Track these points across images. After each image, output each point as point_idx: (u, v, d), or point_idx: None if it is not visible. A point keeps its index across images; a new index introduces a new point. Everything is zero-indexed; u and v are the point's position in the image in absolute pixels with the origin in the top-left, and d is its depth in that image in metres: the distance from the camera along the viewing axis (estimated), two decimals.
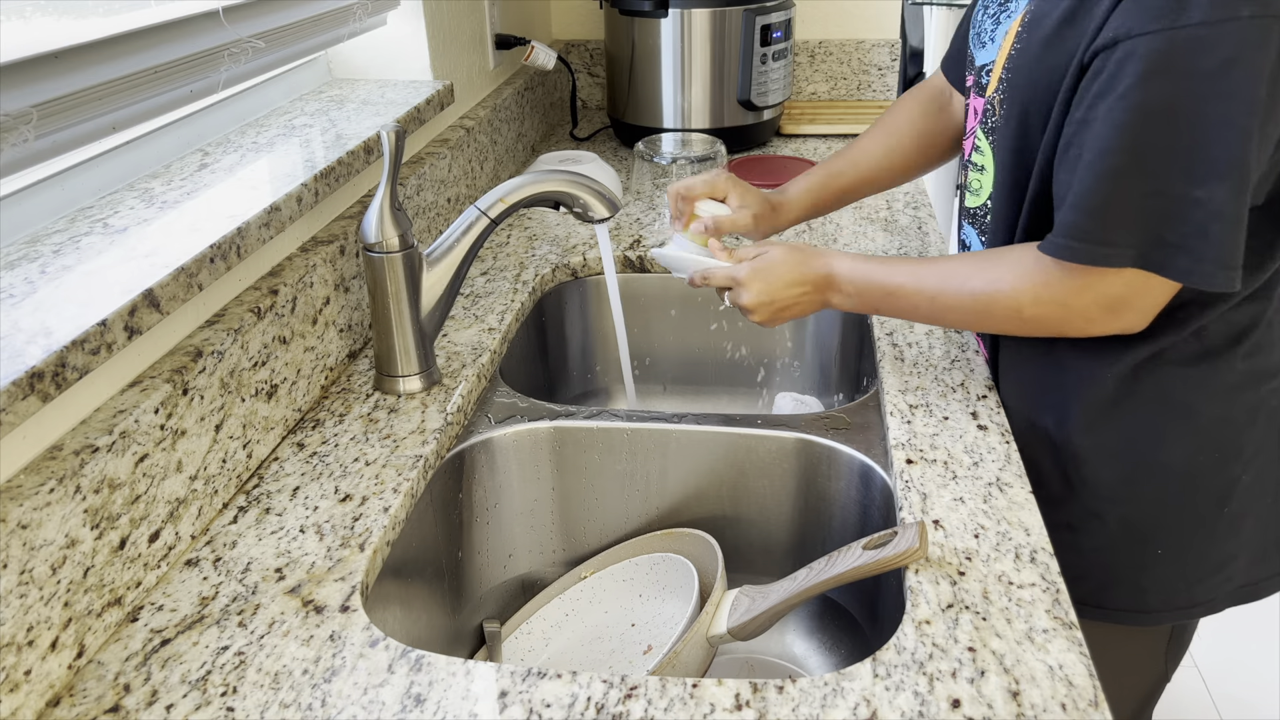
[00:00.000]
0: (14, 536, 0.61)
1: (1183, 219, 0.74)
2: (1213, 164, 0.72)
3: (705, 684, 0.65)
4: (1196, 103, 0.72)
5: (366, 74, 1.35)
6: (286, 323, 0.93)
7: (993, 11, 0.95)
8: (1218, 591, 0.95)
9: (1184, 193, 0.74)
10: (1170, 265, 0.76)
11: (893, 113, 1.15)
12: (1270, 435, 0.92)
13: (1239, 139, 0.71)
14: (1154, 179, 0.74)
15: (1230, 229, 0.74)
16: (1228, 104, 0.71)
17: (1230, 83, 0.71)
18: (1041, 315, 0.84)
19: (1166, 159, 0.74)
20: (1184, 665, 1.94)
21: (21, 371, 0.61)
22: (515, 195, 0.98)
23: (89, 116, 0.80)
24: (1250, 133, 0.71)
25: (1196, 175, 0.73)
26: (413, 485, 0.87)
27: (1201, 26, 0.71)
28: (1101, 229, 0.77)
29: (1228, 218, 0.73)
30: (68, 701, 0.65)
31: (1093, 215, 0.77)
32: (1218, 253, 0.74)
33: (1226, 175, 0.72)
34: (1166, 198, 0.74)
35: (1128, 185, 0.75)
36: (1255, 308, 0.87)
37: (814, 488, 0.99)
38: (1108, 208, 0.76)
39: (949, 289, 0.88)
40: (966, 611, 0.71)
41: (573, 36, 2.06)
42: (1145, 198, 0.75)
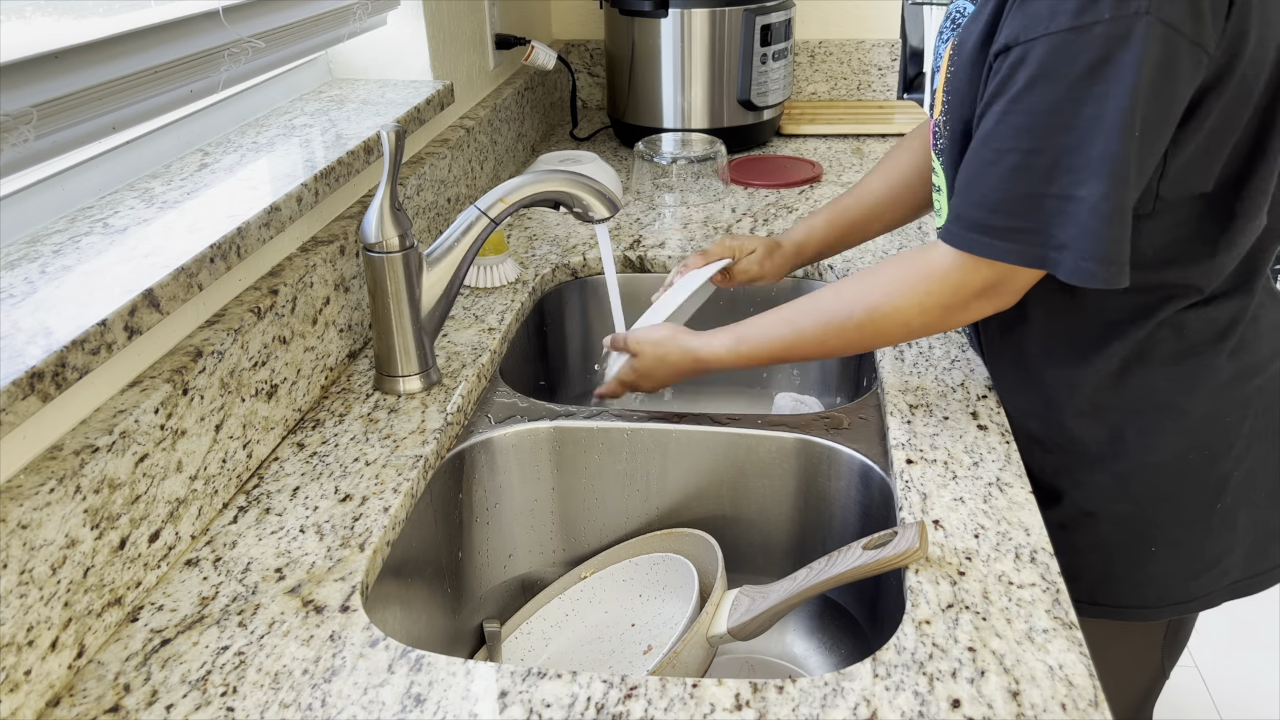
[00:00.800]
0: (14, 536, 0.61)
1: (1068, 218, 0.76)
2: (1090, 162, 0.74)
3: (705, 684, 0.65)
4: (1073, 105, 0.74)
5: (366, 74, 1.35)
6: (286, 323, 0.93)
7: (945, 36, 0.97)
8: (1214, 586, 0.96)
9: (1070, 192, 0.75)
10: (1059, 264, 0.77)
11: (897, 149, 1.17)
12: (1260, 430, 0.92)
13: (1115, 137, 0.73)
14: (1047, 181, 0.76)
15: (1108, 225, 0.75)
16: (1100, 104, 0.73)
17: (1102, 83, 0.72)
18: (928, 321, 0.86)
19: (1054, 160, 0.76)
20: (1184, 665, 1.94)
21: (21, 371, 0.61)
22: (515, 195, 0.98)
23: (89, 116, 0.80)
24: (1126, 129, 0.72)
25: (1078, 175, 0.75)
26: (413, 485, 0.87)
27: (1070, 32, 0.73)
28: (1007, 227, 0.79)
29: (1105, 214, 0.74)
30: (68, 701, 0.65)
31: (996, 212, 0.79)
32: (1098, 249, 0.75)
33: (1104, 173, 0.74)
34: (1055, 197, 0.76)
35: (1026, 184, 0.77)
36: (1236, 305, 0.88)
37: (814, 488, 0.99)
38: (1010, 205, 0.78)
39: (832, 331, 0.90)
40: (966, 611, 0.71)
41: (573, 36, 2.06)
42: (1040, 198, 0.77)
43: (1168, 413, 0.90)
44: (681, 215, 1.46)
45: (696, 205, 1.50)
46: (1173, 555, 0.94)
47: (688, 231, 1.40)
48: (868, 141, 1.82)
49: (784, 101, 1.82)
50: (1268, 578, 0.98)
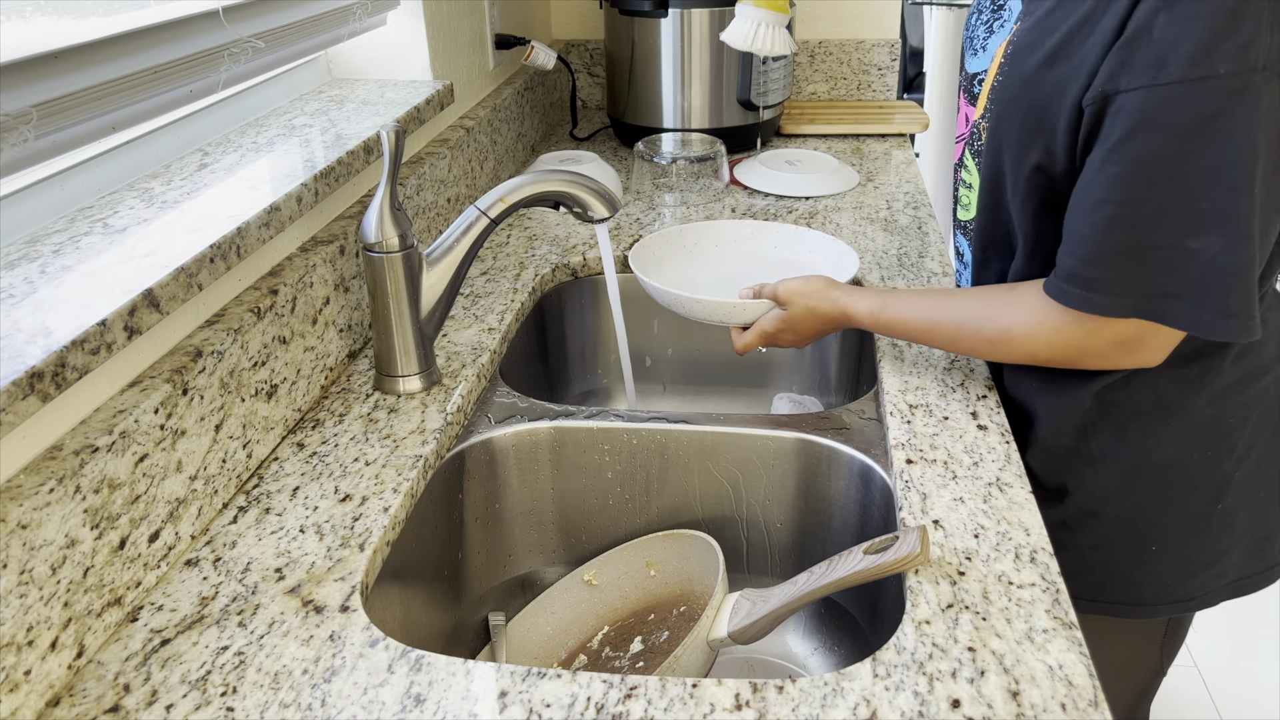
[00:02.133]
0: (14, 536, 0.61)
1: (1179, 269, 0.74)
2: (1204, 216, 0.72)
3: (705, 684, 0.65)
4: (1181, 158, 0.72)
5: (366, 74, 1.35)
6: (286, 323, 0.93)
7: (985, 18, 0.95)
8: (1212, 585, 0.96)
9: (1179, 244, 0.74)
10: (1170, 314, 0.76)
11: None
12: (1263, 432, 0.92)
13: (1231, 192, 0.71)
14: (1147, 231, 0.75)
15: (1231, 279, 0.73)
16: (1214, 158, 0.71)
17: (1214, 138, 0.71)
18: (1056, 357, 0.85)
19: (1158, 211, 0.74)
20: (1184, 665, 1.94)
21: (21, 371, 0.61)
22: (515, 195, 0.98)
23: (89, 116, 0.80)
24: (1243, 185, 0.71)
25: (1190, 227, 0.73)
26: (413, 485, 0.87)
27: (1181, 84, 0.71)
28: (1097, 278, 0.78)
29: (1226, 269, 0.73)
30: (68, 701, 0.65)
31: (1089, 263, 0.78)
32: (1219, 302, 0.74)
33: (1221, 227, 0.72)
34: (1162, 249, 0.75)
35: (1123, 236, 0.76)
36: None
37: (814, 488, 0.99)
38: (1103, 257, 0.77)
39: (965, 334, 0.90)
40: (966, 611, 0.71)
41: (573, 36, 2.06)
42: (1140, 249, 0.75)
43: (1173, 413, 0.90)
44: (681, 215, 1.46)
45: (696, 205, 1.50)
46: (1172, 554, 0.94)
47: None
48: (868, 141, 1.82)
49: (784, 101, 1.82)
50: (1264, 577, 0.99)
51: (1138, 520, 0.93)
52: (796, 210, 1.48)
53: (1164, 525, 0.93)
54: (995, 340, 0.87)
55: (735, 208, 1.49)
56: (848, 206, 1.49)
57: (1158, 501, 0.93)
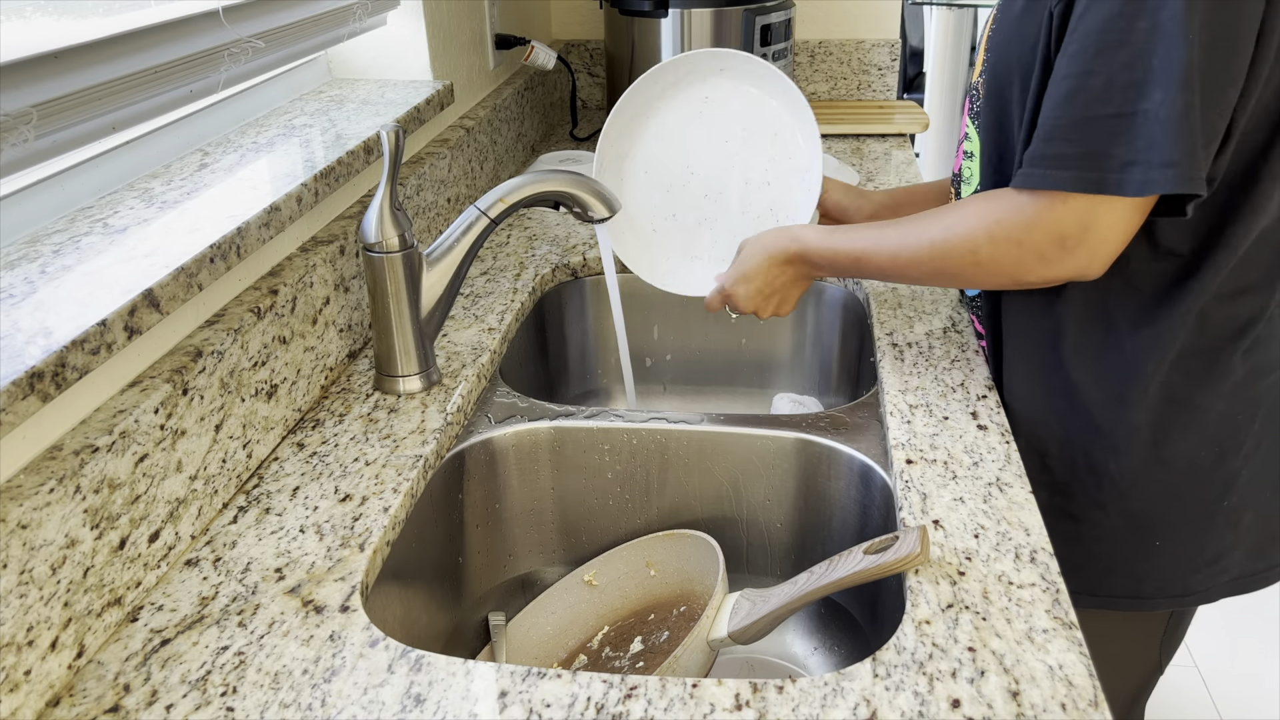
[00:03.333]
0: (14, 536, 0.61)
1: (1134, 134, 0.75)
2: (1152, 73, 0.74)
3: (705, 684, 0.65)
4: (1125, 20, 0.74)
5: (366, 74, 1.35)
6: (286, 323, 0.93)
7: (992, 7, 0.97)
8: (1214, 582, 0.97)
9: (1131, 108, 0.75)
10: (1126, 182, 0.76)
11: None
12: (1270, 429, 0.93)
13: (1174, 44, 0.72)
14: (1102, 100, 0.76)
15: (1167, 127, 0.74)
16: (1154, 15, 0.73)
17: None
18: (997, 255, 0.84)
19: (1109, 79, 0.75)
20: (1184, 665, 1.94)
21: (21, 371, 0.61)
22: (515, 195, 0.98)
23: (89, 116, 0.80)
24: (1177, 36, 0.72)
25: (1140, 88, 0.74)
26: (413, 485, 0.87)
27: None
28: (1060, 154, 0.78)
29: (1169, 119, 0.73)
30: (68, 701, 0.65)
31: (1051, 140, 0.79)
32: (1163, 154, 0.74)
33: (1167, 81, 0.73)
34: (1115, 116, 0.75)
35: (1080, 108, 0.77)
36: (1258, 300, 0.88)
37: (814, 488, 0.99)
38: (1063, 132, 0.78)
39: (908, 243, 0.90)
40: (966, 611, 0.71)
41: (573, 36, 2.06)
42: (1097, 119, 0.76)
43: (1185, 409, 0.90)
44: None
45: None
46: (1175, 550, 0.94)
47: None
48: (868, 141, 1.82)
49: None
50: (1265, 577, 0.99)
51: (1144, 515, 0.94)
52: None
53: (1169, 521, 0.94)
54: (936, 241, 0.87)
55: None
56: None
57: (1165, 497, 0.93)
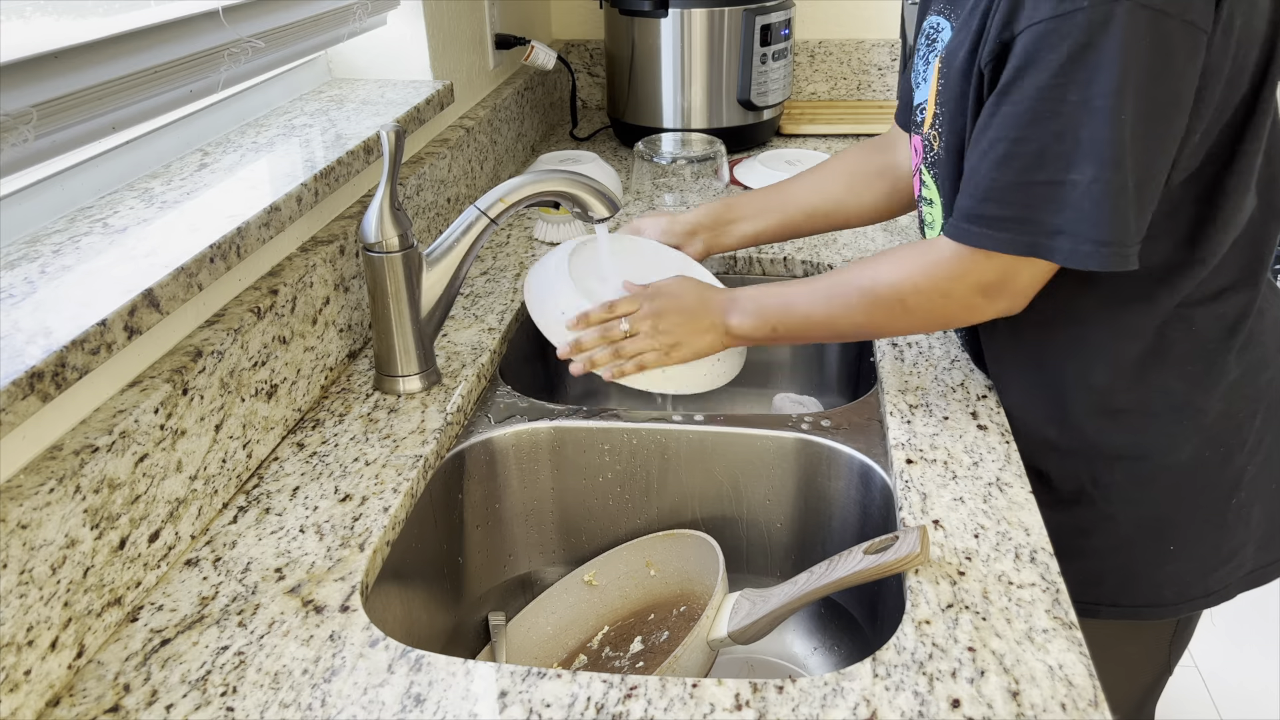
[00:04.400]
0: (14, 536, 0.61)
1: (1062, 202, 0.76)
2: (1081, 146, 0.75)
3: (705, 684, 0.65)
4: (1058, 91, 0.75)
5: (366, 74, 1.35)
6: (286, 323, 0.93)
7: (923, 53, 0.98)
8: (1230, 579, 0.97)
9: (1060, 177, 0.76)
10: (1056, 250, 0.78)
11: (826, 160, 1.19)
12: (1272, 424, 0.93)
13: (1100, 121, 0.73)
14: (1035, 166, 0.77)
15: (1100, 206, 0.75)
16: (1085, 90, 0.74)
17: (1085, 69, 0.73)
18: (923, 304, 0.87)
19: (1042, 147, 0.76)
20: (1184, 665, 1.94)
21: (21, 371, 0.61)
22: (515, 195, 0.98)
23: (89, 116, 0.80)
24: (1111, 113, 0.73)
25: (1069, 160, 0.75)
26: (413, 485, 0.87)
27: (1053, 19, 0.74)
28: (999, 216, 0.80)
29: (1096, 196, 0.75)
30: (68, 701, 0.65)
31: (989, 201, 0.80)
32: (1091, 230, 0.76)
33: (1095, 156, 0.74)
34: (1046, 184, 0.77)
35: (1016, 173, 0.78)
36: (1242, 299, 0.88)
37: (814, 488, 0.99)
38: (1001, 194, 0.79)
39: (837, 292, 0.92)
40: (966, 611, 0.71)
41: (573, 36, 2.06)
42: (1031, 185, 0.78)
43: (1184, 412, 0.90)
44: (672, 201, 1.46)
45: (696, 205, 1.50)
46: (1190, 553, 0.95)
47: None
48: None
49: (784, 101, 1.82)
50: (1276, 568, 0.99)
51: (1155, 520, 0.94)
52: None
53: (1180, 524, 0.94)
54: (865, 290, 0.89)
55: None
56: None
57: (1174, 501, 0.93)
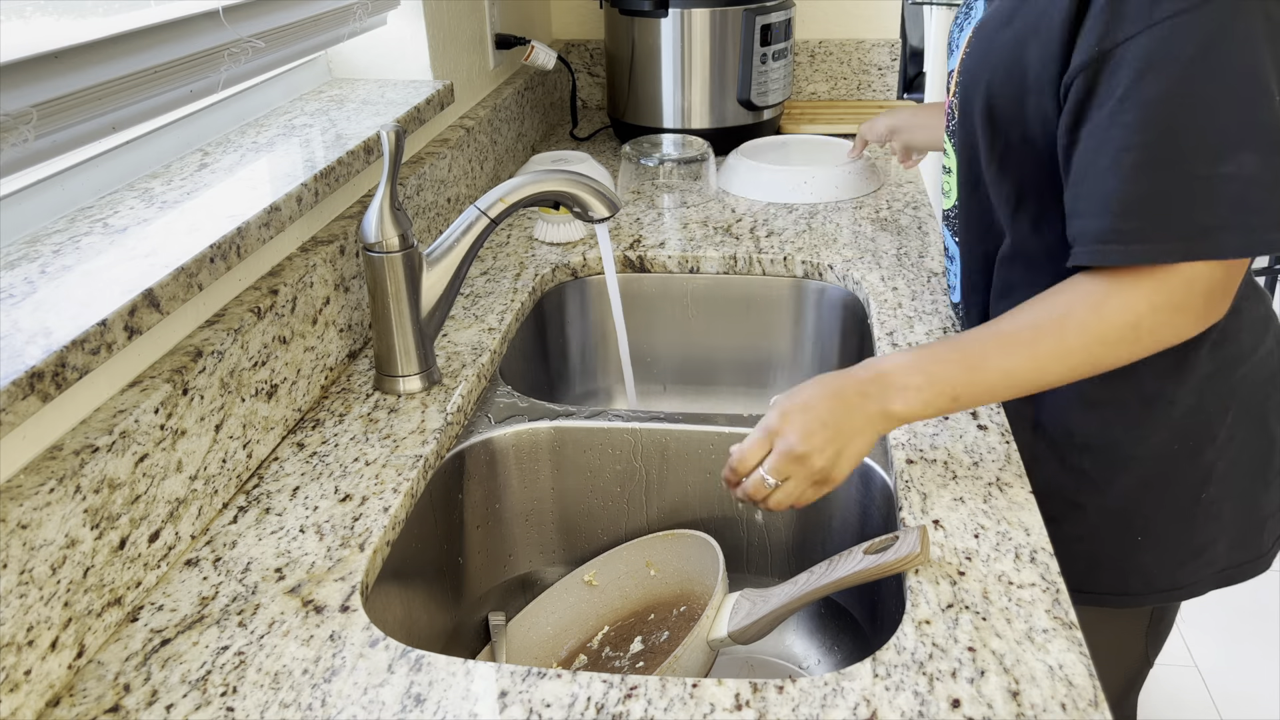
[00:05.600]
0: (14, 536, 0.61)
1: (1217, 198, 0.73)
2: (1230, 137, 0.72)
3: (705, 684, 0.65)
4: (1194, 85, 0.73)
5: (366, 74, 1.35)
6: (286, 323, 0.93)
7: (959, 23, 0.97)
8: (1200, 575, 0.97)
9: (1213, 172, 0.73)
10: (1222, 246, 0.74)
11: None
12: (1244, 421, 0.93)
13: (1250, 105, 0.72)
14: (1178, 167, 0.74)
15: (1273, 191, 0.73)
16: (1224, 78, 0.72)
17: (1220, 59, 0.72)
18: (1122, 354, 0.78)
19: (1183, 146, 0.73)
20: (1184, 665, 1.94)
21: (21, 371, 0.61)
22: (515, 195, 0.98)
23: (89, 116, 0.80)
24: (1260, 97, 0.72)
25: (1219, 152, 0.73)
26: (413, 485, 0.87)
27: (1178, 16, 0.72)
28: (1136, 228, 0.75)
29: (1266, 182, 0.73)
30: (68, 701, 0.65)
31: (1123, 216, 0.75)
32: (1267, 218, 0.73)
33: (1249, 142, 0.72)
34: (1195, 181, 0.73)
35: (1155, 180, 0.74)
36: None
37: None
38: (1137, 206, 0.75)
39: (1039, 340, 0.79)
40: (966, 611, 0.71)
41: (573, 36, 2.06)
42: (1175, 188, 0.74)
43: (1154, 404, 0.90)
44: (681, 215, 1.46)
45: (696, 205, 1.50)
46: (1159, 545, 0.95)
47: (687, 231, 1.40)
48: None
49: (784, 101, 1.82)
50: (1254, 566, 1.00)
51: (1123, 511, 0.94)
52: (796, 210, 1.48)
53: (1148, 516, 0.94)
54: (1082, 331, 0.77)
55: (735, 208, 1.49)
56: (848, 206, 1.49)
57: (1142, 492, 0.94)
